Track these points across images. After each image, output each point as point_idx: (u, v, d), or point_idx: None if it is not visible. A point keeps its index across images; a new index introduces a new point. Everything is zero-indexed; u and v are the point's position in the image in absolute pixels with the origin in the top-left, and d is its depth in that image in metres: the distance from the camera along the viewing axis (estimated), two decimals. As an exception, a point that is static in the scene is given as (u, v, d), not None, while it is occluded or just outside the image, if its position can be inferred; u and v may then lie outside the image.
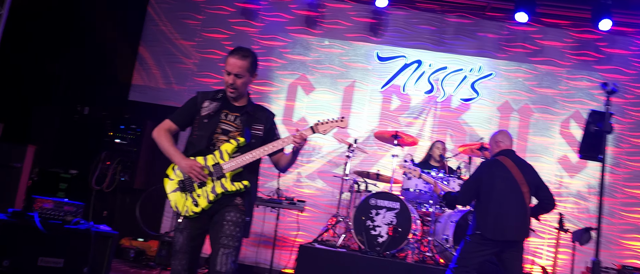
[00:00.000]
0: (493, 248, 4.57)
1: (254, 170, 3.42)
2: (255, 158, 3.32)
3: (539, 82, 7.77)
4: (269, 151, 3.33)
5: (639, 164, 7.52)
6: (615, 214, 7.44)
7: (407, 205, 5.71)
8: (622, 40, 7.72)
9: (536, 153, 7.62)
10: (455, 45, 7.95)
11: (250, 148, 3.32)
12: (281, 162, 3.50)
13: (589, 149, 3.18)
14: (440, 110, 7.84)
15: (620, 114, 7.61)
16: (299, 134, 3.36)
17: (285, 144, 3.37)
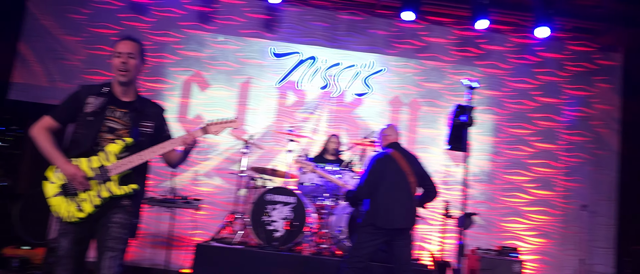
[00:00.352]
0: (384, 237, 4.78)
1: (143, 172, 3.32)
2: (144, 160, 3.23)
3: (426, 77, 8.19)
4: (158, 152, 3.25)
5: (516, 152, 8.14)
6: (495, 199, 8.02)
7: (303, 199, 5.82)
8: (499, 38, 8.31)
9: (425, 144, 8.03)
10: (348, 42, 8.18)
11: (139, 147, 3.23)
12: (171, 160, 3.44)
13: (455, 140, 3.42)
14: (334, 105, 8.04)
15: (498, 106, 8.20)
16: (190, 135, 3.32)
17: (174, 145, 3.29)
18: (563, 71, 8.31)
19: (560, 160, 8.13)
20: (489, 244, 7.08)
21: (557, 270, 7.89)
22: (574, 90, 8.28)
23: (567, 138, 8.18)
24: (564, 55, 8.33)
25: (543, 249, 7.92)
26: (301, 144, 7.54)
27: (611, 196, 8.08)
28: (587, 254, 7.81)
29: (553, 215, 8.01)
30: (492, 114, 8.19)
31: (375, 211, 4.78)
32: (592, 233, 7.93)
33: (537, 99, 8.25)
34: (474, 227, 7.72)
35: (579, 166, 8.09)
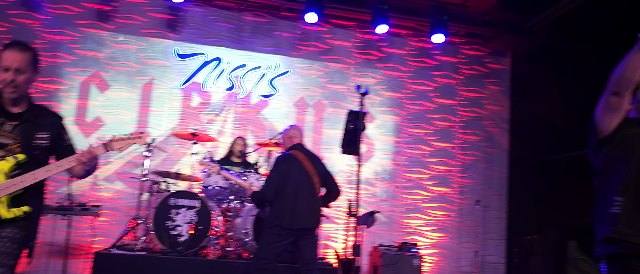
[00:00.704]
0: (290, 237, 4.86)
1: (39, 190, 3.06)
2: (38, 180, 2.96)
3: (330, 79, 8.37)
4: (54, 172, 2.99)
5: (415, 151, 8.52)
6: (397, 196, 8.36)
7: (207, 202, 5.78)
8: (399, 41, 8.65)
9: (330, 145, 8.20)
10: (253, 44, 8.19)
11: (34, 163, 2.97)
12: (76, 173, 3.19)
13: (348, 144, 3.56)
14: (240, 107, 8.02)
15: (399, 107, 8.55)
16: (89, 152, 3.03)
17: (72, 164, 3.02)
18: (458, 74, 8.80)
19: (456, 158, 8.61)
20: (391, 241, 7.37)
21: (454, 262, 8.36)
22: (467, 92, 8.79)
23: (462, 137, 8.67)
24: (458, 59, 8.82)
25: (441, 243, 8.35)
26: (206, 147, 7.46)
27: (502, 191, 8.67)
28: (481, 246, 8.32)
29: (450, 210, 8.46)
30: (393, 115, 8.51)
31: (281, 211, 4.84)
32: (485, 226, 8.46)
33: (434, 100, 8.68)
34: (377, 224, 8.02)
35: (473, 163, 8.61)
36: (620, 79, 2.31)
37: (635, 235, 2.24)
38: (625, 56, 2.27)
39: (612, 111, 2.38)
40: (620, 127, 2.41)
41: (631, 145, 2.38)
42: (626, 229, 2.26)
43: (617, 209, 2.31)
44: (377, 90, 8.49)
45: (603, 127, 2.42)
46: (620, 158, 2.38)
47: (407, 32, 8.63)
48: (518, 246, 8.03)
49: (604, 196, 2.39)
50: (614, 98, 2.35)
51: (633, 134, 2.40)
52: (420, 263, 6.82)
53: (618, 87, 2.33)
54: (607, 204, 2.35)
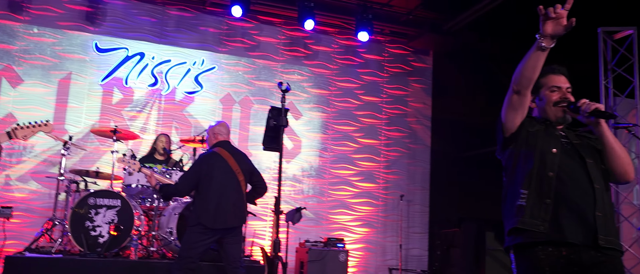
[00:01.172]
0: (214, 236, 4.78)
1: None
2: None
3: (257, 75, 8.32)
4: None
5: (342, 148, 8.62)
6: (324, 192, 8.43)
7: (129, 201, 5.59)
8: (326, 39, 8.73)
9: (257, 142, 8.14)
10: (177, 38, 8.01)
11: None
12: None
13: (270, 141, 3.56)
14: (164, 103, 7.82)
15: (326, 105, 8.62)
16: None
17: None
18: (383, 72, 8.99)
19: (382, 154, 8.79)
20: (318, 237, 7.43)
21: (380, 256, 8.54)
22: (392, 89, 8.99)
23: (387, 134, 8.87)
24: (383, 57, 9.01)
25: (367, 238, 8.51)
26: (128, 144, 7.23)
27: (425, 186, 8.94)
28: (405, 239, 8.55)
29: (376, 205, 8.64)
30: (320, 112, 8.58)
31: (204, 210, 4.76)
32: (409, 220, 8.70)
33: (361, 97, 8.82)
34: (305, 220, 8.07)
35: (397, 159, 8.82)
36: (521, 78, 2.40)
37: (540, 225, 2.34)
38: (525, 56, 2.38)
39: (515, 109, 2.48)
40: (524, 124, 2.51)
41: (534, 141, 2.48)
42: (531, 219, 2.37)
43: (522, 201, 2.41)
44: (304, 87, 8.52)
45: (508, 125, 2.52)
46: (524, 154, 2.48)
47: (333, 30, 8.71)
48: (440, 239, 8.31)
49: (511, 190, 2.50)
50: (516, 97, 2.45)
51: (535, 131, 2.51)
52: (347, 258, 6.92)
53: (519, 85, 2.42)
54: (514, 197, 2.45)
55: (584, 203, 2.36)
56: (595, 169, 2.43)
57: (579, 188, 2.38)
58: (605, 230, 2.34)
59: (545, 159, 2.42)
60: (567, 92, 2.57)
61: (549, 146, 2.45)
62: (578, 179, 2.40)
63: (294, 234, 7.57)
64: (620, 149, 2.48)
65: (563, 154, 2.44)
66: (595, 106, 2.41)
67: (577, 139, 2.53)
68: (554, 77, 2.60)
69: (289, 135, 8.34)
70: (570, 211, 2.35)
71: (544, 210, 2.36)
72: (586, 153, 2.47)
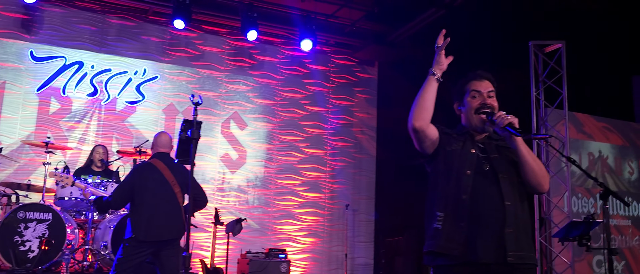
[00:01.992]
0: (149, 249, 4.70)
1: None
2: None
3: (201, 85, 8.24)
4: None
5: (287, 158, 8.62)
6: (270, 203, 8.41)
7: (61, 215, 5.45)
8: (271, 49, 8.73)
9: (201, 152, 8.06)
10: (118, 47, 7.87)
11: None
12: None
13: (182, 154, 3.54)
14: (104, 113, 7.66)
15: (272, 115, 8.61)
16: None
17: None
18: (329, 82, 9.05)
19: (327, 164, 8.84)
20: (263, 247, 7.39)
21: (325, 265, 8.56)
22: (338, 100, 9.06)
23: (333, 144, 8.92)
24: (329, 68, 9.08)
25: (312, 248, 8.51)
26: (67, 155, 7.05)
27: (370, 195, 9.02)
28: (350, 248, 8.59)
29: (321, 215, 8.66)
30: (266, 122, 8.56)
31: (138, 224, 4.66)
32: (354, 229, 8.76)
33: (306, 107, 8.85)
34: (250, 231, 8.04)
35: (343, 169, 8.87)
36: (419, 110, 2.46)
37: (455, 249, 2.39)
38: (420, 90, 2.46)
39: (422, 141, 2.53)
40: (441, 143, 2.54)
41: (451, 161, 2.50)
42: (446, 243, 2.41)
43: (438, 224, 2.45)
44: (249, 97, 8.50)
45: (424, 152, 2.57)
46: (442, 173, 2.51)
47: (278, 40, 8.73)
48: (384, 248, 8.40)
49: (429, 209, 2.53)
50: (416, 134, 2.50)
51: (452, 151, 2.52)
52: (288, 269, 6.91)
53: (418, 120, 2.46)
54: (431, 219, 2.49)
55: (495, 221, 2.40)
56: (507, 185, 2.46)
57: (490, 207, 2.42)
58: (515, 246, 2.37)
59: (459, 182, 2.45)
60: (488, 97, 2.58)
61: (464, 167, 2.47)
62: (491, 197, 2.43)
63: (239, 245, 7.53)
64: (534, 161, 2.50)
65: (477, 174, 2.47)
66: (508, 121, 2.44)
67: (495, 151, 2.54)
68: (475, 83, 2.62)
69: (234, 145, 8.31)
70: (483, 230, 2.39)
71: (459, 233, 2.40)
72: (501, 168, 2.49)
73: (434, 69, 2.49)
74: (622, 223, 7.39)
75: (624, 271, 7.23)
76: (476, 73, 2.66)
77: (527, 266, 2.41)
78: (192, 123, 3.20)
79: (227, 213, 7.81)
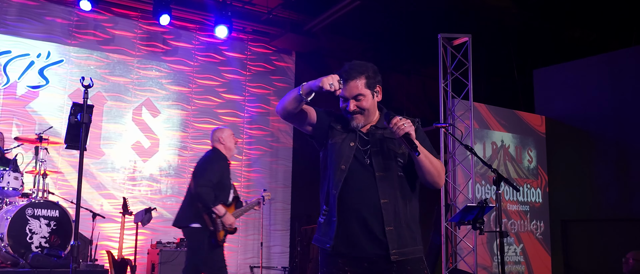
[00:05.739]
0: None
1: None
2: None
3: (111, 70, 7.92)
4: None
5: (203, 146, 8.43)
6: (184, 192, 8.18)
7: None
8: (186, 35, 8.52)
9: (110, 140, 7.78)
10: (19, 28, 7.40)
11: None
12: None
13: (72, 139, 3.41)
14: (3, 98, 7.21)
15: (186, 102, 8.42)
16: None
17: None
18: (245, 70, 8.96)
19: (244, 153, 8.76)
20: (174, 237, 7.23)
21: (241, 254, 8.51)
22: (255, 88, 8.99)
23: (249, 132, 8.85)
24: (246, 56, 8.98)
25: (228, 237, 8.40)
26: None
27: (287, 184, 9.05)
28: (267, 237, 8.58)
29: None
30: (180, 110, 8.36)
31: None
32: (270, 218, 8.76)
33: (222, 95, 8.72)
34: (163, 220, 7.85)
35: (258, 157, 8.84)
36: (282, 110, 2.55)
37: (327, 242, 2.44)
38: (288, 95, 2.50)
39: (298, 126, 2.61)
40: (329, 135, 2.52)
41: (332, 155, 2.47)
42: (322, 237, 2.48)
43: (321, 218, 2.52)
44: (162, 84, 8.26)
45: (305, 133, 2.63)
46: (326, 165, 2.52)
47: (193, 26, 8.54)
48: (300, 236, 8.46)
49: (320, 199, 2.56)
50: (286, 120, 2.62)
51: (334, 143, 2.50)
52: (201, 258, 6.80)
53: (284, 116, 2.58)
54: (320, 210, 2.54)
55: (372, 218, 2.38)
56: (385, 182, 2.41)
57: (366, 203, 2.39)
58: (396, 243, 2.36)
59: (334, 176, 2.43)
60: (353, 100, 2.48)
61: (340, 161, 2.45)
62: (366, 193, 2.40)
63: (151, 236, 7.33)
64: (430, 164, 2.42)
65: (353, 169, 2.43)
66: (404, 131, 2.34)
67: (377, 144, 2.48)
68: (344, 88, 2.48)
69: (146, 133, 8.06)
70: (357, 227, 2.38)
71: (331, 228, 2.42)
72: (379, 165, 2.43)
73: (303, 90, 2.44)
74: (522, 209, 7.84)
75: (521, 253, 7.69)
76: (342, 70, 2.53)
77: (413, 260, 2.40)
78: (83, 106, 3.03)
79: (138, 203, 7.58)
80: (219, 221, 4.74)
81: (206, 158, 4.92)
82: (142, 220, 6.10)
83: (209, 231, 4.70)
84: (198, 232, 4.69)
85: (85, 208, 6.13)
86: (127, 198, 6.27)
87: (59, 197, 6.09)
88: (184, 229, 4.86)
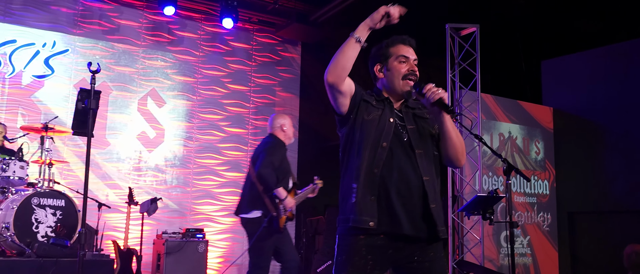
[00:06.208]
0: None
1: None
2: None
3: (116, 60, 7.89)
4: None
5: (207, 137, 8.45)
6: (189, 183, 8.22)
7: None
8: (191, 25, 8.48)
9: (116, 131, 7.77)
10: (25, 18, 7.37)
11: None
12: None
13: (79, 125, 3.38)
14: (8, 87, 7.19)
15: (191, 92, 8.39)
16: None
17: None
18: (251, 61, 8.92)
19: (249, 143, 8.74)
20: (180, 228, 7.23)
21: (246, 245, 8.44)
22: (260, 79, 8.95)
23: (255, 123, 8.82)
24: (251, 46, 8.93)
25: (233, 228, 8.41)
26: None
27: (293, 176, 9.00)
28: (272, 228, 8.55)
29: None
30: (185, 100, 8.34)
31: None
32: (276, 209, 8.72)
33: (228, 86, 8.68)
34: (168, 211, 7.86)
35: (264, 148, 8.78)
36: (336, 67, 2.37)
37: (366, 222, 2.34)
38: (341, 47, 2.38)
39: (335, 98, 2.45)
40: (361, 108, 2.45)
41: (368, 131, 2.41)
42: (361, 217, 2.35)
43: (354, 197, 2.38)
44: (168, 74, 8.23)
45: (335, 106, 2.48)
46: (358, 142, 2.42)
47: (199, 16, 8.49)
48: (306, 227, 8.44)
49: (347, 180, 2.44)
50: (330, 88, 2.41)
51: (370, 120, 2.45)
52: (206, 248, 6.80)
53: (332, 75, 2.37)
54: (349, 191, 2.40)
55: (413, 196, 2.36)
56: (424, 160, 2.42)
57: (407, 181, 2.37)
58: (441, 221, 2.39)
59: (374, 154, 2.38)
60: (414, 64, 2.55)
61: (381, 138, 2.40)
62: (407, 172, 2.38)
63: (156, 226, 7.32)
64: (456, 137, 2.47)
65: (393, 146, 2.41)
66: (439, 96, 2.39)
67: (412, 122, 2.49)
68: (403, 47, 2.56)
69: (152, 123, 8.04)
70: (400, 205, 2.35)
71: (371, 207, 2.35)
72: (417, 142, 2.44)
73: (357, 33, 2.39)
74: (529, 200, 7.80)
75: (528, 246, 7.65)
76: (402, 37, 2.58)
77: (444, 240, 2.45)
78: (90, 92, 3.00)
79: (144, 193, 7.57)
80: (281, 206, 4.66)
81: (266, 143, 4.89)
82: (147, 210, 6.09)
83: (271, 216, 4.62)
84: (258, 222, 4.64)
85: (91, 198, 6.11)
86: (133, 188, 6.25)
87: (64, 186, 6.08)
88: (244, 218, 4.80)
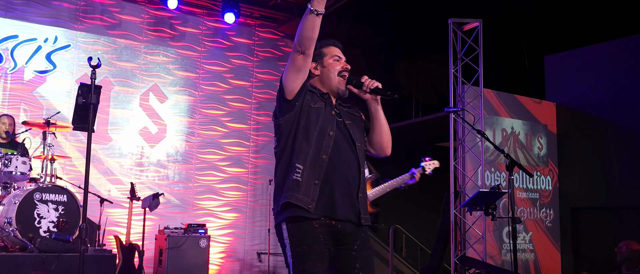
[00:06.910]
0: None
1: None
2: None
3: (118, 55, 7.89)
4: None
5: (209, 132, 8.45)
6: (191, 178, 8.22)
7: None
8: (193, 20, 8.46)
9: (118, 126, 7.77)
10: (27, 13, 7.37)
11: None
12: None
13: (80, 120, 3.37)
14: (10, 82, 7.19)
15: (193, 88, 8.39)
16: None
17: None
18: (253, 56, 8.90)
19: (251, 139, 8.73)
20: (182, 223, 7.23)
21: (248, 241, 8.51)
22: (262, 74, 8.94)
23: (257, 118, 8.82)
24: (253, 41, 8.92)
25: (235, 223, 8.43)
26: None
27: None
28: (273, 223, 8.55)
29: (244, 190, 8.57)
30: (187, 95, 8.33)
31: None
32: (278, 204, 8.72)
33: (230, 81, 8.67)
34: (170, 206, 7.87)
35: (266, 144, 8.79)
36: (302, 38, 2.45)
37: (310, 204, 2.42)
38: (302, 20, 2.44)
39: (299, 70, 2.51)
40: (307, 96, 2.55)
41: (316, 118, 2.53)
42: (304, 197, 2.43)
43: (298, 176, 2.45)
44: (169, 69, 8.23)
45: (290, 87, 2.53)
46: (304, 128, 2.52)
47: (201, 11, 8.48)
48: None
49: (286, 160, 2.53)
50: (300, 57, 2.49)
51: (317, 108, 2.56)
52: (208, 244, 6.81)
53: (302, 46, 2.46)
54: (289, 170, 2.48)
55: (351, 185, 2.53)
56: (362, 152, 2.63)
57: (348, 170, 2.53)
58: (364, 209, 2.57)
59: (322, 140, 2.51)
60: (346, 64, 2.70)
61: (327, 128, 2.54)
62: (348, 161, 2.55)
63: (158, 222, 7.33)
64: (386, 126, 2.71)
65: (338, 136, 2.55)
66: (376, 84, 2.62)
67: (348, 118, 2.66)
68: (335, 49, 2.71)
69: (154, 118, 8.04)
70: (339, 192, 2.49)
71: (313, 190, 2.45)
72: (356, 136, 2.62)
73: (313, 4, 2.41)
74: (531, 196, 7.77)
75: (529, 242, 7.64)
76: (335, 41, 2.74)
77: (369, 227, 2.62)
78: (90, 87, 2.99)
79: (146, 188, 7.57)
80: None
81: None
82: (150, 205, 6.09)
83: None
84: None
85: (93, 193, 6.12)
86: (135, 184, 6.25)
87: (66, 182, 6.08)
88: None
